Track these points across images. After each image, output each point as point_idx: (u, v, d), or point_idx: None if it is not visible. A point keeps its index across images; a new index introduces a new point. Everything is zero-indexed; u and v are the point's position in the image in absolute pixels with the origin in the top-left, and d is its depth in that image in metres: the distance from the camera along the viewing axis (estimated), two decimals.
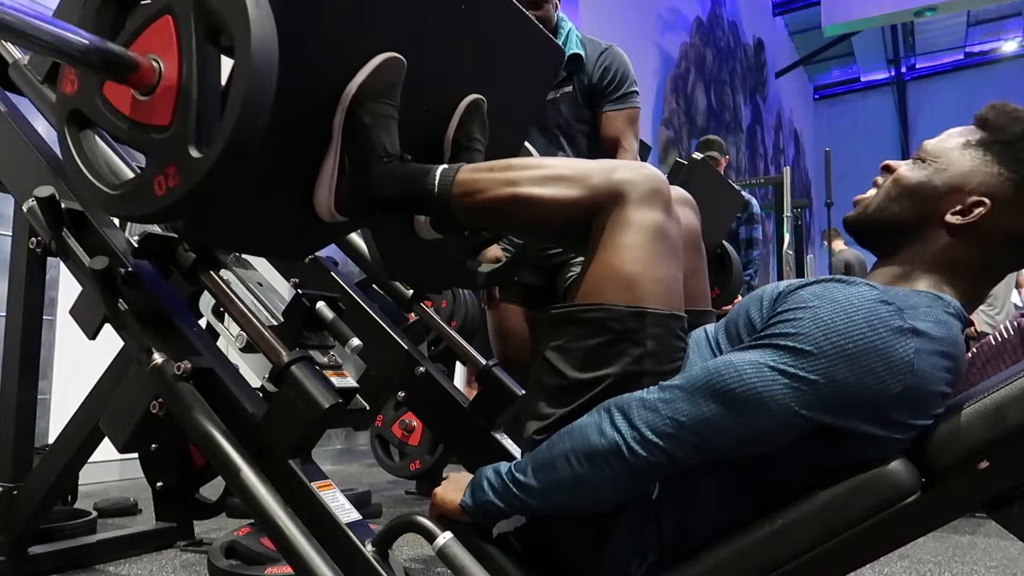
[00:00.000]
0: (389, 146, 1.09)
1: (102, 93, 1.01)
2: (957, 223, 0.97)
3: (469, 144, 1.26)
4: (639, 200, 0.96)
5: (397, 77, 1.11)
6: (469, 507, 0.98)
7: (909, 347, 0.84)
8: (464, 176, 1.07)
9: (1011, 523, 0.89)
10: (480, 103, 1.28)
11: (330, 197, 1.13)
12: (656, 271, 0.95)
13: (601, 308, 0.95)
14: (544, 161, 1.08)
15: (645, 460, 0.87)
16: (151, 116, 0.95)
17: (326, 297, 1.27)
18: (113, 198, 1.00)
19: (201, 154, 0.90)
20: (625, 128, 2.21)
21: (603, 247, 0.97)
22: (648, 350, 0.94)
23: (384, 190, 1.09)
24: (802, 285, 0.93)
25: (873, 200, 1.06)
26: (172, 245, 1.17)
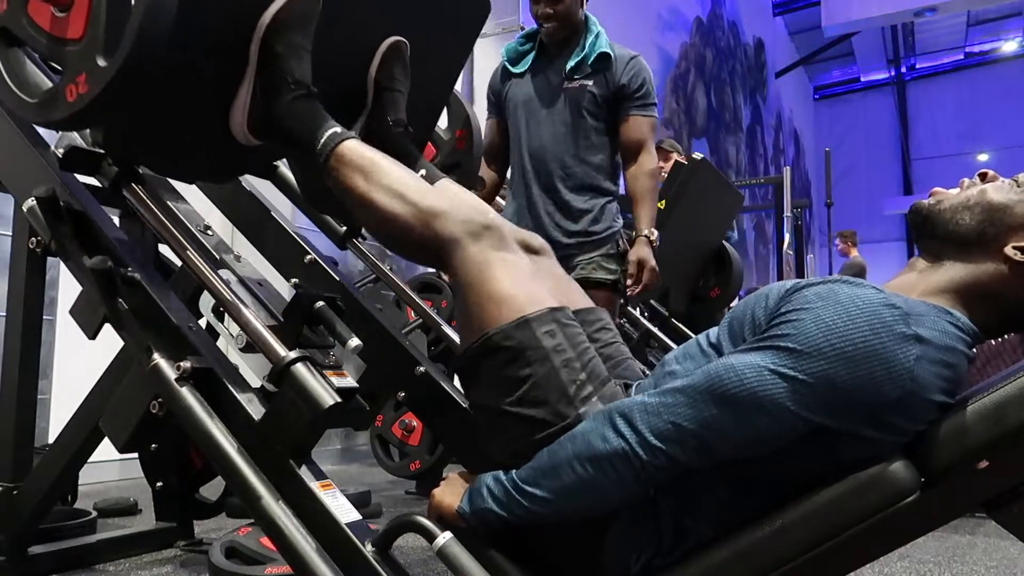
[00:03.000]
0: (299, 74, 1.17)
1: (27, 11, 1.10)
2: (1016, 258, 0.95)
3: (391, 85, 1.34)
4: (475, 241, 1.03)
5: (311, 9, 1.18)
6: (467, 514, 0.97)
7: (911, 354, 0.84)
8: (344, 150, 1.13)
9: (1011, 523, 0.89)
10: (401, 45, 1.34)
11: (244, 119, 1.21)
12: (519, 284, 1.01)
13: (487, 336, 0.99)
14: (404, 177, 1.12)
15: (649, 463, 0.87)
16: (67, 30, 1.06)
17: (326, 297, 1.27)
18: (32, 106, 1.11)
19: (107, 62, 1.00)
20: (649, 135, 2.26)
21: (465, 288, 1.02)
22: (547, 347, 0.97)
23: (284, 121, 1.17)
24: (807, 284, 0.92)
25: (950, 200, 1.02)
26: (96, 159, 1.27)
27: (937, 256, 1.01)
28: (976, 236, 0.98)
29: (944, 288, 0.97)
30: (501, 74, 2.37)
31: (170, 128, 1.21)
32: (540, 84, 2.27)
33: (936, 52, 15.14)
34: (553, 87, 2.25)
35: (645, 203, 2.23)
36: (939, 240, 1.01)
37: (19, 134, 1.34)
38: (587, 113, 2.20)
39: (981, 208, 0.98)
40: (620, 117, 2.24)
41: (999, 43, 14.82)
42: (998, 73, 14.76)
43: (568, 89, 2.21)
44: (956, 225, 1.00)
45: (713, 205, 3.46)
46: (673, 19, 8.87)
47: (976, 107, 14.79)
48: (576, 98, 2.20)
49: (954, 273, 0.98)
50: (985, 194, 1.00)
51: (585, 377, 0.98)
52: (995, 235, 0.97)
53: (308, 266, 1.66)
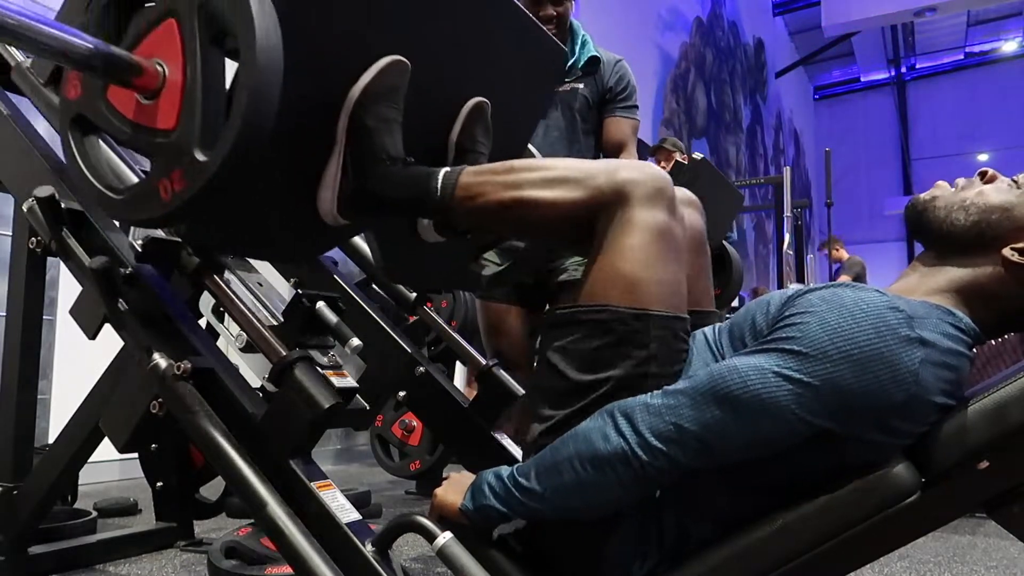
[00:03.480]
0: (392, 149, 1.09)
1: (106, 97, 1.01)
2: (1013, 260, 0.95)
3: (473, 147, 1.26)
4: (643, 200, 0.95)
5: (401, 80, 1.11)
6: (469, 511, 0.97)
7: (915, 356, 0.84)
8: (466, 179, 1.06)
9: (1011, 523, 0.89)
10: (484, 106, 1.28)
11: (333, 199, 1.13)
12: (659, 273, 0.95)
13: (604, 309, 0.94)
14: (547, 163, 1.08)
15: (650, 465, 0.87)
16: (156, 120, 0.95)
17: (326, 297, 1.27)
18: (118, 203, 1.01)
19: (206, 158, 0.90)
20: (631, 136, 2.28)
21: (606, 248, 0.96)
22: (651, 352, 0.94)
23: (387, 192, 1.09)
24: (811, 289, 0.92)
25: (946, 198, 1.02)
26: (176, 249, 1.17)
27: (938, 256, 1.01)
28: (974, 237, 0.98)
29: (945, 288, 0.97)
30: None
31: (255, 216, 1.14)
32: None
33: (936, 52, 15.13)
34: None
35: None
36: (935, 239, 1.02)
37: (19, 134, 1.34)
38: (578, 116, 2.24)
39: (978, 209, 0.98)
40: (603, 117, 2.27)
41: (999, 43, 14.82)
42: (998, 73, 14.76)
43: (560, 93, 2.25)
44: (951, 225, 0.99)
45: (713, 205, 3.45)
46: (673, 19, 8.86)
47: (976, 107, 14.78)
48: (567, 101, 2.24)
49: (954, 274, 0.98)
50: (983, 195, 0.99)
51: None
52: (994, 237, 0.97)
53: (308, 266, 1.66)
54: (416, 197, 1.08)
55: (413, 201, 1.09)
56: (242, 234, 1.17)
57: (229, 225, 1.12)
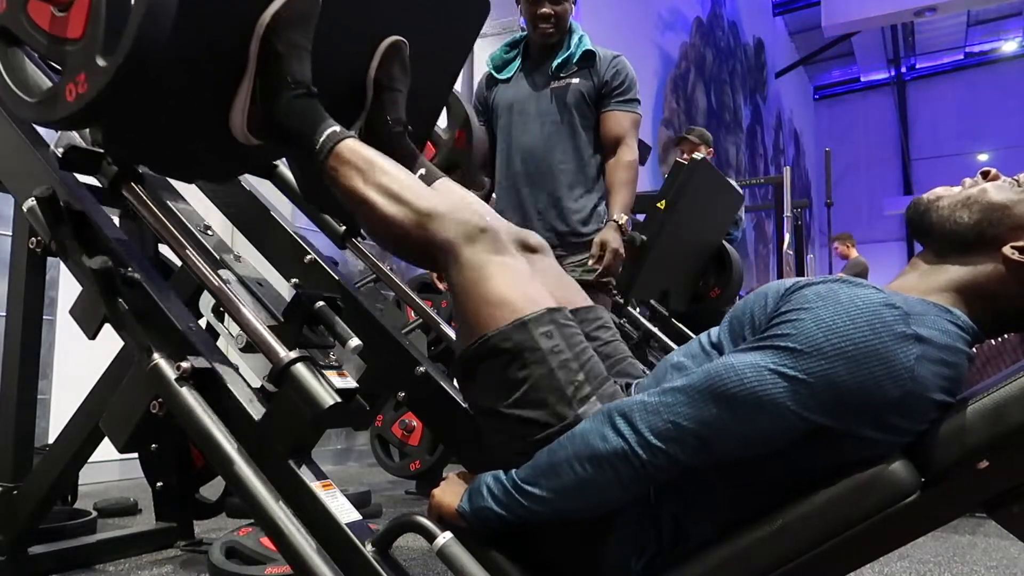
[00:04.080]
0: (299, 75, 1.17)
1: (26, 11, 1.10)
2: (1014, 258, 0.95)
3: (390, 84, 1.34)
4: (468, 243, 1.02)
5: (311, 9, 1.18)
6: (467, 513, 0.97)
7: (911, 353, 0.84)
8: (343, 150, 1.14)
9: (1011, 523, 0.89)
10: (401, 45, 1.34)
11: (243, 119, 1.21)
12: (516, 286, 1.01)
13: (485, 337, 0.99)
14: (401, 177, 1.13)
15: (648, 463, 0.87)
16: (66, 30, 1.06)
17: (326, 297, 1.27)
18: (32, 105, 1.11)
19: (106, 62, 0.99)
20: (630, 130, 2.29)
21: (462, 292, 1.03)
22: (545, 349, 0.97)
23: (284, 120, 1.17)
24: (807, 284, 0.92)
25: (949, 198, 1.02)
26: (95, 158, 1.27)
27: (938, 255, 1.01)
28: (975, 235, 0.98)
29: (945, 287, 0.97)
30: (486, 81, 2.44)
31: (169, 127, 1.21)
32: (527, 86, 2.32)
33: (936, 52, 15.13)
34: (540, 87, 2.30)
35: (619, 192, 2.27)
36: (937, 238, 1.01)
37: (19, 134, 1.34)
38: (574, 110, 2.25)
39: (980, 207, 0.98)
40: (601, 112, 2.28)
41: (999, 43, 14.82)
42: (998, 73, 14.75)
43: (555, 88, 2.27)
44: (954, 223, 0.99)
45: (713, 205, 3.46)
46: (673, 19, 8.86)
47: (976, 107, 14.78)
48: (563, 96, 2.25)
49: (954, 272, 0.98)
50: (985, 193, 0.99)
51: (583, 378, 0.98)
52: (994, 235, 0.97)
53: (308, 266, 1.65)
54: (303, 135, 1.16)
55: (299, 139, 1.17)
56: (159, 149, 1.25)
57: (142, 135, 1.20)
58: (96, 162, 1.28)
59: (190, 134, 1.24)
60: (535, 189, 2.28)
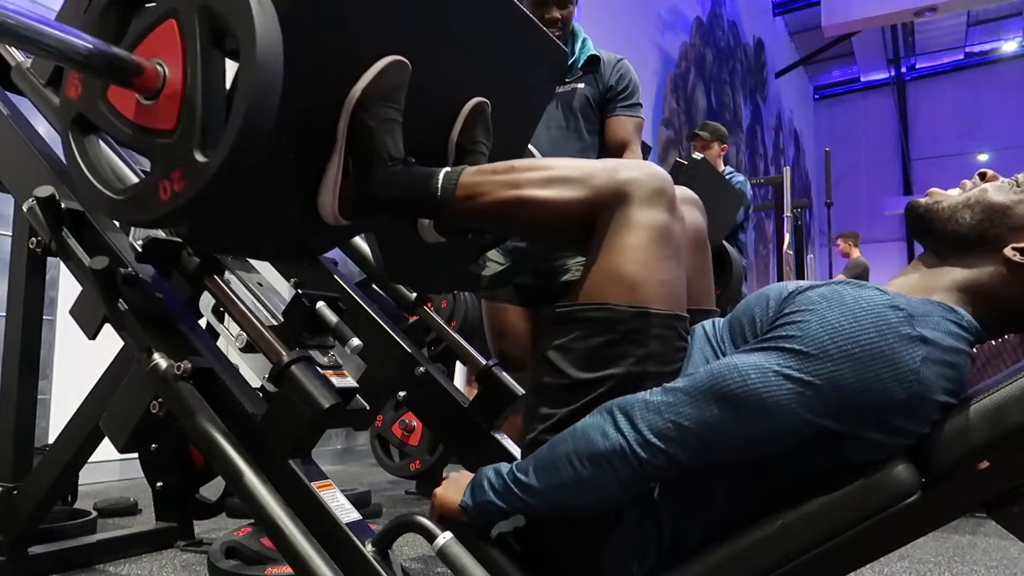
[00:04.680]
0: (393, 150, 1.09)
1: (106, 98, 1.00)
2: (1015, 259, 0.95)
3: (473, 147, 1.26)
4: (643, 200, 0.96)
5: (401, 80, 1.10)
6: (469, 507, 0.98)
7: (916, 355, 0.84)
8: (467, 179, 1.06)
9: (1011, 523, 0.89)
10: (484, 106, 1.28)
11: (334, 201, 1.12)
12: (659, 272, 0.95)
13: (605, 308, 0.95)
14: (547, 162, 1.08)
15: (648, 463, 0.87)
16: (156, 120, 0.95)
17: (326, 297, 1.27)
18: (118, 203, 1.00)
19: (207, 158, 0.89)
20: (634, 134, 2.29)
21: (606, 247, 0.96)
22: (651, 351, 0.94)
23: (388, 193, 1.08)
24: (811, 286, 0.92)
25: (950, 200, 1.02)
26: (176, 249, 1.17)
27: (939, 255, 1.01)
28: (976, 236, 0.98)
29: (946, 287, 0.97)
30: None
31: (257, 216, 1.13)
32: None
33: (936, 52, 15.13)
34: None
35: None
36: (938, 238, 1.01)
37: (19, 134, 1.34)
38: (580, 115, 2.25)
39: (981, 207, 0.98)
40: (606, 116, 2.28)
41: (999, 43, 14.81)
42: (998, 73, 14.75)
43: (560, 93, 2.26)
44: (956, 224, 0.99)
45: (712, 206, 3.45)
46: (673, 19, 8.86)
47: (976, 107, 14.78)
48: (568, 101, 2.25)
49: (956, 273, 0.98)
50: (986, 193, 0.99)
51: None
52: (995, 236, 0.97)
53: (308, 266, 1.66)
54: (417, 197, 1.08)
55: (414, 201, 1.08)
56: (243, 235, 1.16)
57: (229, 226, 1.12)
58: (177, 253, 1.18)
59: (276, 220, 1.16)
60: None
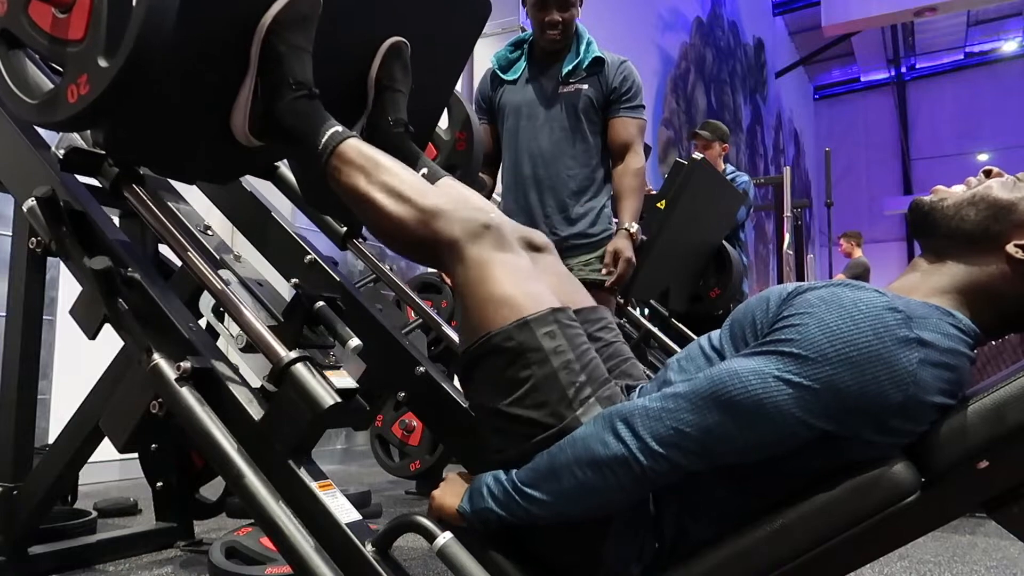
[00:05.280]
0: (300, 75, 1.17)
1: (27, 13, 1.09)
2: (1017, 257, 0.95)
3: (391, 84, 1.35)
4: (472, 240, 1.02)
5: (312, 10, 1.18)
6: (467, 514, 0.97)
7: (913, 357, 0.84)
8: (344, 149, 1.14)
9: (1011, 523, 0.89)
10: (402, 45, 1.35)
11: (245, 120, 1.22)
12: (519, 284, 1.00)
13: (488, 336, 0.98)
14: (403, 175, 1.13)
15: (650, 468, 0.87)
16: (68, 31, 1.06)
17: (326, 297, 1.27)
18: (34, 107, 1.10)
19: (108, 63, 0.99)
20: (636, 136, 2.31)
21: (465, 289, 1.02)
22: (547, 349, 0.97)
23: (286, 120, 1.17)
24: (810, 288, 0.92)
25: (954, 197, 1.01)
26: (96, 160, 1.27)
27: (939, 255, 1.00)
28: (980, 233, 0.97)
29: (946, 288, 0.97)
30: (491, 80, 2.43)
31: (171, 129, 1.21)
32: (535, 89, 2.33)
33: (936, 52, 15.13)
34: (548, 92, 2.31)
35: (628, 199, 2.29)
36: (941, 238, 1.01)
37: (19, 134, 1.34)
38: (583, 116, 2.27)
39: (987, 204, 0.98)
40: (609, 118, 2.30)
41: (999, 43, 14.82)
42: (998, 73, 14.75)
43: (564, 93, 2.27)
44: (961, 221, 0.99)
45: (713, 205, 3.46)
46: (673, 19, 8.86)
47: (976, 107, 14.78)
48: (572, 101, 2.27)
49: (956, 273, 0.97)
50: (991, 190, 0.99)
51: (584, 379, 0.98)
52: (998, 233, 0.96)
53: (308, 266, 1.66)
54: (304, 136, 1.16)
55: (301, 138, 1.17)
56: (159, 150, 1.24)
57: (143, 137, 1.19)
58: (97, 164, 1.28)
59: (191, 135, 1.24)
60: (543, 193, 2.30)
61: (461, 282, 1.03)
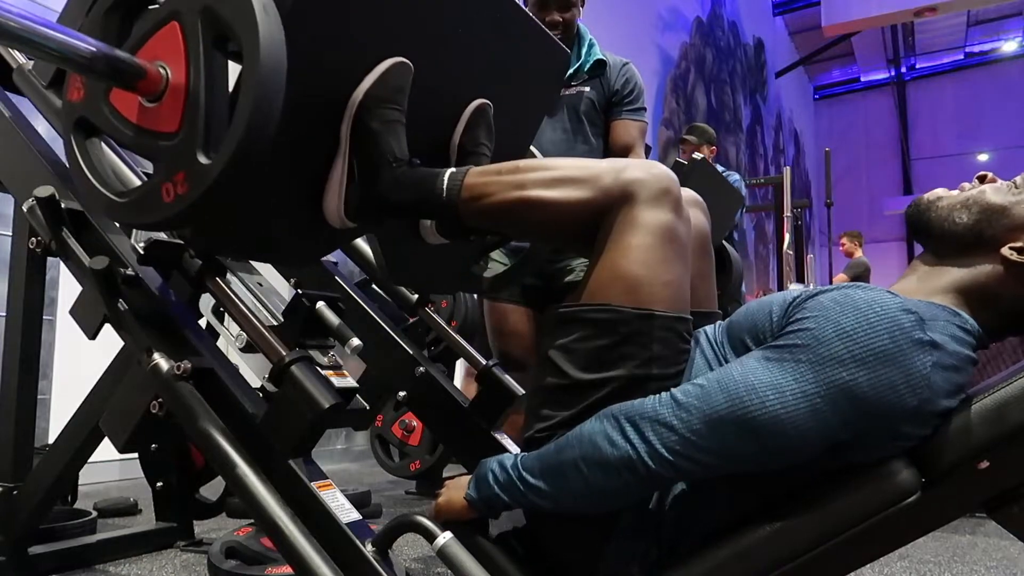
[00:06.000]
0: (398, 151, 1.08)
1: (108, 100, 1.00)
2: (1012, 259, 0.95)
3: (475, 149, 1.26)
4: (649, 200, 0.96)
5: (404, 82, 1.10)
6: (475, 500, 0.98)
7: (927, 361, 0.84)
8: (472, 180, 1.06)
9: (1011, 523, 0.89)
10: (486, 108, 1.28)
11: (340, 203, 1.12)
12: (663, 273, 0.95)
13: (608, 309, 0.94)
14: (552, 163, 1.07)
15: (658, 473, 0.87)
16: (158, 123, 0.95)
17: (326, 297, 1.26)
18: (121, 205, 1.00)
19: (209, 160, 0.89)
20: (638, 138, 2.31)
21: (611, 247, 0.96)
22: (654, 354, 0.94)
23: (393, 195, 1.08)
24: (821, 291, 0.91)
25: (949, 198, 1.02)
26: (178, 252, 1.17)
27: (937, 257, 1.01)
28: (973, 236, 0.98)
29: (946, 289, 0.97)
30: None
31: (259, 219, 1.13)
32: None
33: (936, 52, 15.13)
34: None
35: None
36: (935, 238, 1.01)
37: (19, 134, 1.34)
38: (585, 118, 2.27)
39: (979, 208, 0.98)
40: (610, 120, 2.30)
41: (999, 43, 14.81)
42: (998, 73, 14.75)
43: (566, 96, 2.27)
44: (952, 223, 0.99)
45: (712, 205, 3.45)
46: (673, 19, 8.86)
47: (976, 107, 14.77)
48: (574, 104, 2.26)
49: (954, 274, 0.98)
50: (984, 195, 0.99)
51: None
52: (993, 236, 0.97)
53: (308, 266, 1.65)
54: (421, 198, 1.07)
55: (418, 203, 1.08)
56: (246, 238, 1.16)
57: (233, 229, 1.12)
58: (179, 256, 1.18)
59: (280, 223, 1.16)
60: None
61: (620, 239, 0.96)
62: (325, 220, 1.14)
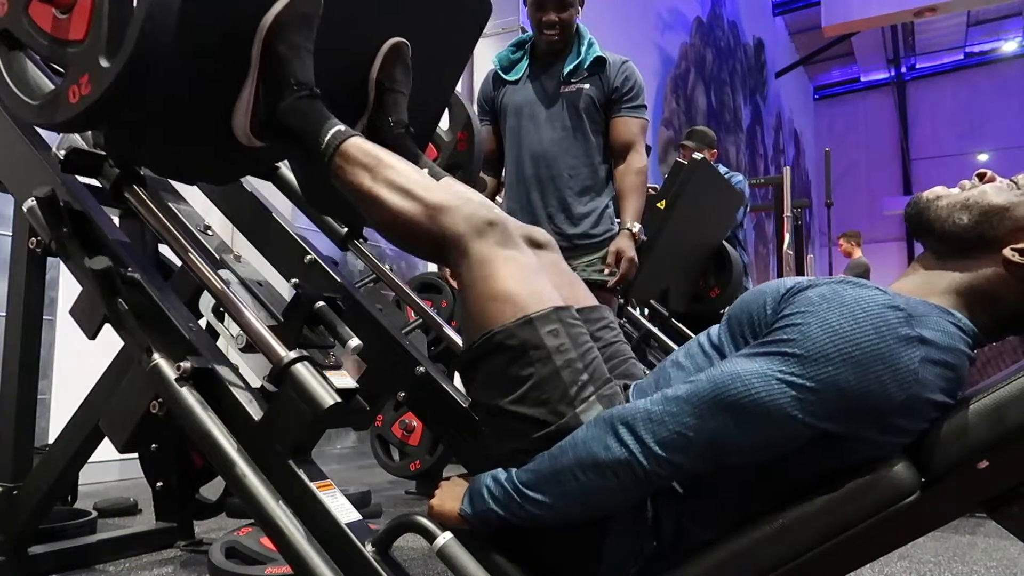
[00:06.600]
0: (301, 75, 1.17)
1: (27, 13, 1.09)
2: (1014, 260, 0.94)
3: (391, 86, 1.35)
4: (477, 236, 1.02)
5: (313, 10, 1.19)
6: (469, 516, 0.97)
7: (915, 355, 0.84)
8: (349, 147, 1.13)
9: (1011, 523, 0.89)
10: (402, 46, 1.36)
11: (246, 121, 1.22)
12: (523, 281, 1.00)
13: (490, 334, 0.98)
14: (407, 170, 1.12)
15: (652, 472, 0.87)
16: (69, 32, 1.06)
17: (326, 297, 1.27)
18: (35, 108, 1.10)
19: (109, 64, 0.99)
20: (638, 135, 2.32)
21: (469, 285, 1.01)
22: (551, 347, 0.97)
23: (286, 120, 1.18)
24: (810, 285, 0.91)
25: (948, 197, 1.02)
26: (97, 161, 1.27)
27: (938, 258, 1.00)
28: (975, 237, 0.97)
29: (946, 291, 0.97)
30: (493, 81, 2.44)
31: (172, 130, 1.21)
32: (537, 89, 2.33)
33: (936, 52, 15.13)
34: (550, 92, 2.32)
35: (631, 199, 2.29)
36: (936, 239, 1.01)
37: (20, 135, 1.34)
38: (585, 115, 2.28)
39: (980, 208, 0.98)
40: (611, 117, 2.31)
41: (999, 43, 14.82)
42: (998, 73, 14.75)
43: (565, 93, 2.28)
44: (953, 224, 0.99)
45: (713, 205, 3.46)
46: (673, 19, 8.86)
47: (976, 107, 14.78)
48: (574, 101, 2.27)
49: (955, 275, 0.97)
50: (985, 195, 0.99)
51: (587, 378, 0.98)
52: (994, 237, 0.96)
53: (308, 266, 1.65)
54: (309, 138, 1.16)
55: (302, 136, 1.17)
56: (160, 151, 1.24)
57: (145, 137, 1.20)
58: (98, 164, 1.28)
59: (192, 136, 1.24)
60: (545, 193, 2.31)
61: (465, 278, 1.03)
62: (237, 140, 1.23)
